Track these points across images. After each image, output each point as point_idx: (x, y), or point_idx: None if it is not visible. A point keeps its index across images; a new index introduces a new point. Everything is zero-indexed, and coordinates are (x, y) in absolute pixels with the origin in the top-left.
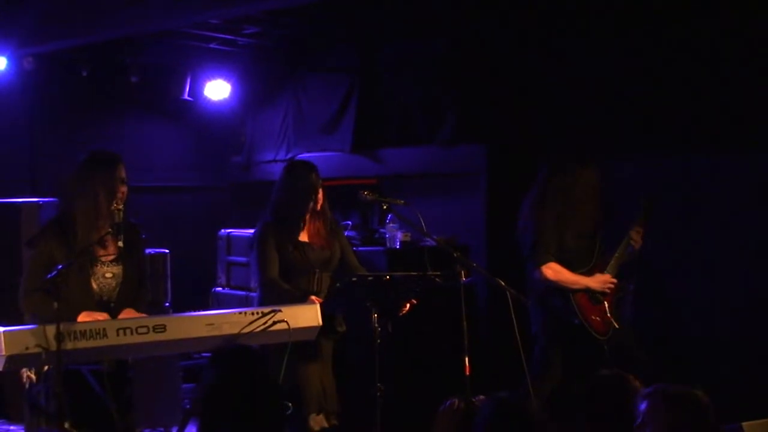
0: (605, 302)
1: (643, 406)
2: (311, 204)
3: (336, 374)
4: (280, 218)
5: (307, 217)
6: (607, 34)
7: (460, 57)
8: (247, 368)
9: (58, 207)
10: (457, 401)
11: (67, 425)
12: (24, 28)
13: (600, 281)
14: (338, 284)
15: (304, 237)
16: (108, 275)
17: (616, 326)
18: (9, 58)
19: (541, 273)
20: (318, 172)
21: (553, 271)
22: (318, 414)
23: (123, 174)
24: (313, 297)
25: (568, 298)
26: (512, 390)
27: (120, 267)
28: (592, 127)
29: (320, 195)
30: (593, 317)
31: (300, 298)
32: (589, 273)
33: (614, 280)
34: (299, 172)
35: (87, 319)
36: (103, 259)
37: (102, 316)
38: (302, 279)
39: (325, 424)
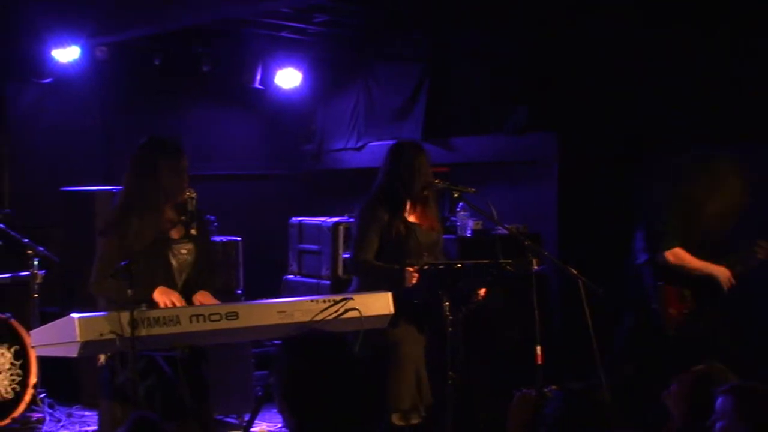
0: (691, 304)
1: (719, 401)
2: (420, 185)
3: None
4: (386, 200)
5: (416, 199)
6: (680, 21)
7: (531, 45)
8: (326, 350)
9: (121, 194)
10: (529, 391)
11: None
12: (97, 18)
13: (726, 274)
14: None
15: (412, 219)
16: (183, 251)
17: (686, 329)
18: (82, 48)
19: (663, 257)
20: (427, 153)
21: (674, 256)
22: (410, 410)
23: (186, 163)
24: (409, 268)
25: (657, 282)
26: (584, 380)
27: (191, 244)
28: (665, 114)
29: (429, 177)
30: (670, 310)
31: (397, 273)
32: None
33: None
34: (405, 152)
35: (162, 297)
36: (174, 237)
37: (175, 295)
38: (411, 261)
39: (415, 421)
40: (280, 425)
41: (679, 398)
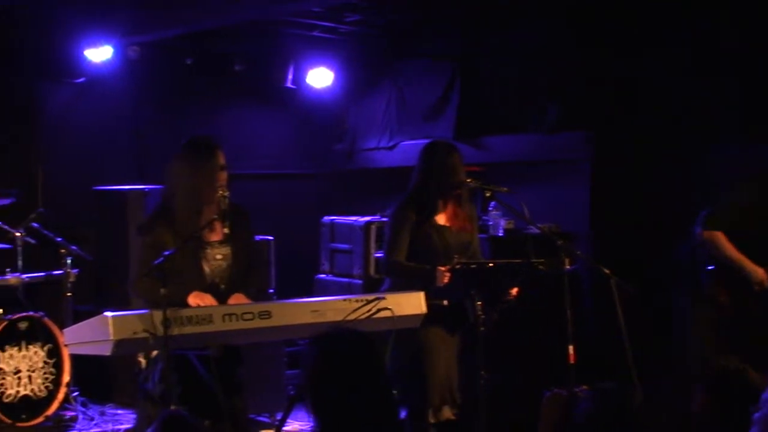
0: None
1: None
2: (453, 184)
3: None
4: (418, 200)
5: (448, 199)
6: (712, 17)
7: (565, 44)
8: (352, 349)
9: (161, 193)
10: (560, 391)
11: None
12: (129, 18)
13: (760, 275)
14: None
15: (442, 220)
16: (218, 257)
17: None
18: (115, 47)
19: (701, 233)
20: (460, 152)
21: (711, 237)
22: (441, 407)
23: (222, 160)
24: (441, 267)
25: (709, 267)
26: (615, 380)
27: (228, 248)
28: (696, 112)
29: (461, 177)
30: (721, 297)
31: (429, 273)
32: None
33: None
34: (438, 151)
35: (196, 300)
36: (211, 240)
37: (209, 298)
38: (440, 263)
39: (451, 416)
40: (312, 424)
41: (698, 399)
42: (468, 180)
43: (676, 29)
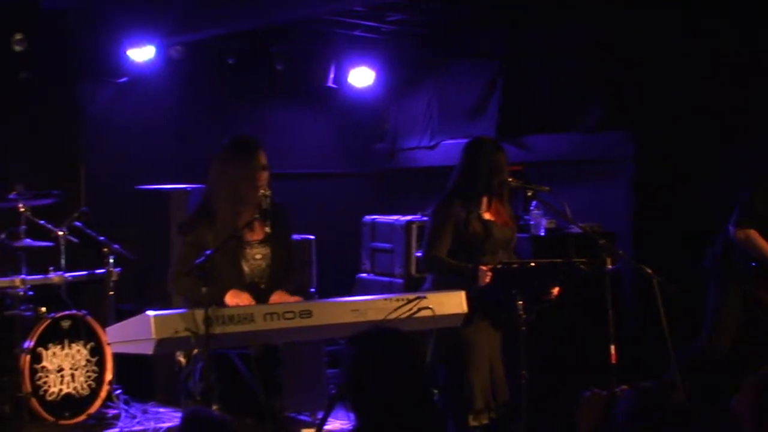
0: None
1: None
2: (497, 181)
3: None
4: (463, 196)
5: (492, 196)
6: (756, 17)
7: (607, 43)
8: (392, 349)
9: (203, 193)
10: (599, 391)
11: (215, 407)
12: (172, 18)
13: None
14: None
15: (487, 215)
16: (258, 256)
17: None
18: (157, 47)
19: (734, 232)
20: (505, 151)
21: (745, 235)
22: (483, 410)
23: (263, 160)
24: (483, 266)
25: (750, 263)
26: (656, 380)
27: (268, 248)
28: (739, 111)
29: (505, 174)
30: (762, 293)
31: (470, 272)
32: None
33: None
34: (484, 148)
35: (233, 299)
36: (251, 240)
37: (247, 296)
38: (486, 258)
39: (486, 421)
40: (353, 423)
41: (743, 404)
42: (509, 179)
43: (717, 31)
